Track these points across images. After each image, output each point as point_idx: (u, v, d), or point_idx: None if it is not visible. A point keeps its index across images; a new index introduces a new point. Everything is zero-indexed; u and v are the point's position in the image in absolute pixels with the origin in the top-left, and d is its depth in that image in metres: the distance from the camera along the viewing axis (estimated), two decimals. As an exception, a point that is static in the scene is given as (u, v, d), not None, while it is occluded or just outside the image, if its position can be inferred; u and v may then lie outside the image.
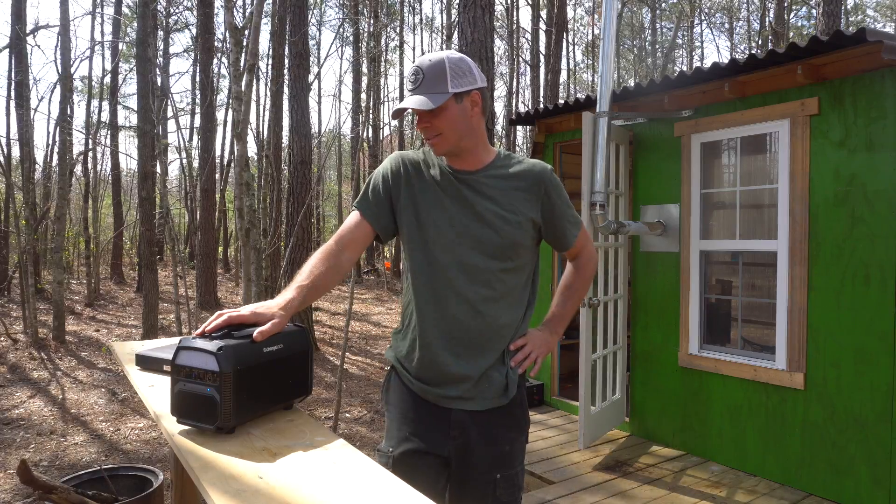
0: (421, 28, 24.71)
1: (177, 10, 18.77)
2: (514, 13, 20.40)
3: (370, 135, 18.81)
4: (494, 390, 1.54)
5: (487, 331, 1.52)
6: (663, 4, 25.11)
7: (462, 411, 1.54)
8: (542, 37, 18.01)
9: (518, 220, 1.53)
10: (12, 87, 10.92)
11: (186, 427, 1.22)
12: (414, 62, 1.54)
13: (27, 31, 10.40)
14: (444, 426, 1.54)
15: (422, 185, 1.57)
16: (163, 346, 1.82)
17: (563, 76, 23.07)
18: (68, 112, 9.86)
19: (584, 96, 4.26)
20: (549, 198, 1.58)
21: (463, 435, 1.54)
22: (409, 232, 1.56)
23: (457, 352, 1.52)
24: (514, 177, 1.56)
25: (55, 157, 12.70)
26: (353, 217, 1.59)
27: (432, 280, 1.53)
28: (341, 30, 18.64)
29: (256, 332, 1.26)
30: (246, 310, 1.31)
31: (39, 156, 16.73)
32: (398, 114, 1.55)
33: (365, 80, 18.13)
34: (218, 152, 16.43)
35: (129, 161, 22.26)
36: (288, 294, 1.39)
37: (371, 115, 18.43)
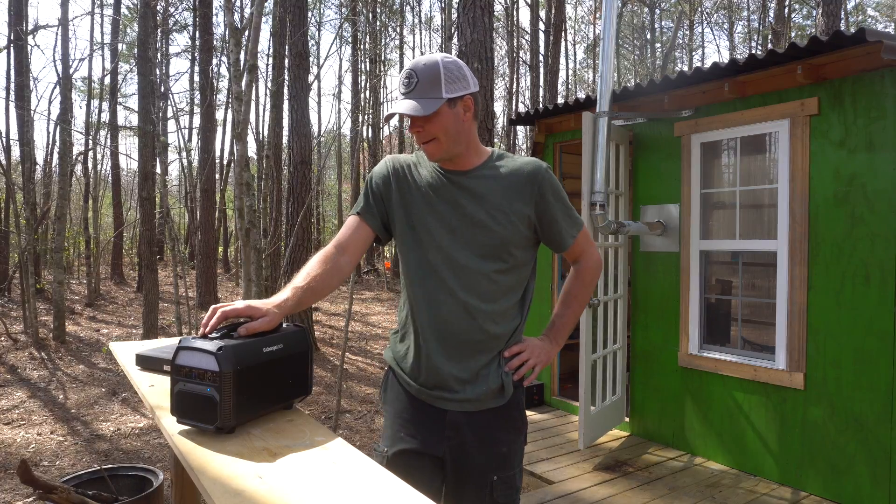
0: (420, 28, 24.74)
1: (176, 11, 18.77)
2: (514, 13, 20.42)
3: (370, 135, 18.82)
4: (490, 392, 1.53)
5: (480, 332, 1.51)
6: (663, 4, 25.11)
7: (457, 412, 1.53)
8: (542, 37, 18.01)
9: (510, 219, 1.51)
10: (12, 87, 10.93)
11: (186, 427, 1.22)
12: (407, 65, 1.52)
13: (27, 31, 10.39)
14: (438, 426, 1.54)
15: (413, 186, 1.57)
16: (163, 346, 1.82)
17: (563, 76, 23.10)
18: (68, 112, 9.84)
19: (584, 96, 4.26)
20: (542, 196, 1.55)
21: (458, 436, 1.53)
22: (402, 234, 1.57)
23: (450, 354, 1.52)
24: (506, 176, 1.54)
25: (55, 156, 12.72)
26: (350, 221, 1.60)
27: (425, 282, 1.53)
28: (341, 30, 18.64)
29: (243, 327, 1.26)
30: (241, 303, 1.32)
31: (39, 156, 16.74)
32: (390, 118, 1.55)
33: (364, 79, 18.13)
34: (218, 152, 16.44)
35: (129, 161, 22.27)
36: (283, 294, 1.40)
37: (370, 115, 18.44)
